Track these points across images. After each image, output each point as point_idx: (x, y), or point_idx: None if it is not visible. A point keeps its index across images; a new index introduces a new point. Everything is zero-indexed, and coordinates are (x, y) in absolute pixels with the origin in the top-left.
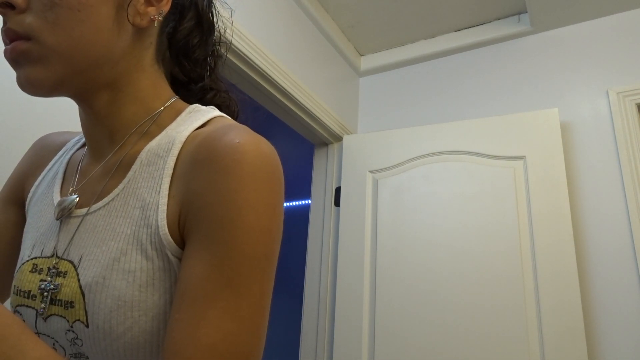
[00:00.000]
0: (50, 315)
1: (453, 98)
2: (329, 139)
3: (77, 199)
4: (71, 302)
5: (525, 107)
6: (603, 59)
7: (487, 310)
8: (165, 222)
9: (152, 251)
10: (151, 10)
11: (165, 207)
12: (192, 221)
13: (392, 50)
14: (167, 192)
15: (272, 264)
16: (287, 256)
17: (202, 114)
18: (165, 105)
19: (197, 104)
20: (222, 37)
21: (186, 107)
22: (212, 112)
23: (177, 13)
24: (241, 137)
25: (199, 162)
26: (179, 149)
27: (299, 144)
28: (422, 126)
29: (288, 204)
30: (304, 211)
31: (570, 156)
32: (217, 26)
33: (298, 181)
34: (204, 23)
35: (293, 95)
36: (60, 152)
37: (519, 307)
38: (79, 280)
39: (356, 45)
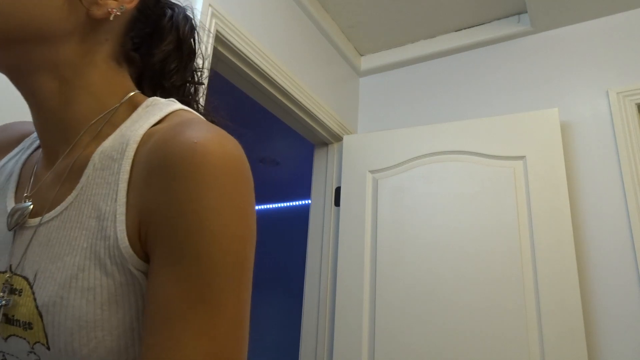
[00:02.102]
0: (10, 335)
1: (453, 98)
2: (329, 139)
3: (31, 206)
4: (29, 323)
5: (525, 107)
6: (603, 59)
7: (487, 310)
8: (125, 234)
9: (111, 266)
10: (111, 2)
11: (123, 217)
12: (153, 235)
13: (392, 50)
14: (124, 200)
15: (246, 271)
16: (287, 256)
17: (160, 107)
18: (122, 100)
19: (155, 97)
20: (204, 64)
21: (144, 101)
22: (172, 105)
23: (147, 24)
24: (199, 135)
25: (154, 167)
26: (134, 150)
27: (299, 144)
28: (422, 126)
29: (288, 204)
30: (304, 211)
31: (570, 156)
32: (199, 52)
33: (298, 181)
34: (184, 48)
35: (293, 95)
36: (17, 148)
37: (519, 307)
38: (35, 299)
39: (356, 45)
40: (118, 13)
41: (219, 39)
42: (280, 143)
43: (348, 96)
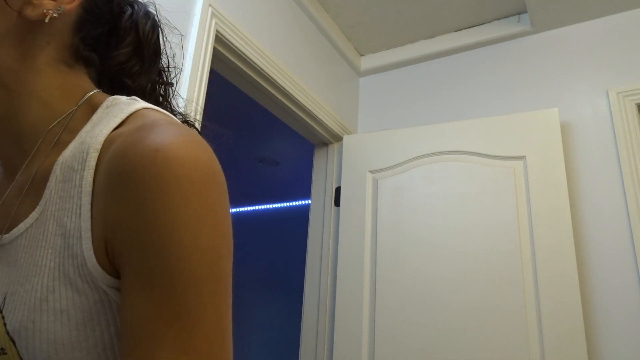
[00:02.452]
0: None
1: (453, 98)
2: (329, 139)
3: None
4: (2, 349)
5: (525, 107)
6: (603, 59)
7: (486, 309)
8: (92, 251)
9: (83, 284)
10: (47, 3)
11: (89, 234)
12: (119, 251)
13: (392, 50)
14: (89, 215)
15: (223, 281)
16: (287, 256)
17: (121, 108)
18: (79, 103)
19: (116, 96)
20: (169, 63)
21: (104, 101)
22: (134, 103)
23: (100, 24)
24: (160, 141)
25: (114, 180)
26: (96, 159)
27: (299, 144)
28: (422, 126)
29: (288, 204)
30: (304, 211)
31: (570, 156)
32: (164, 51)
33: (298, 181)
34: (146, 49)
35: (293, 95)
36: None
37: (519, 308)
38: (5, 325)
39: (356, 45)
40: (55, 15)
41: (219, 39)
42: (280, 143)
43: (348, 96)
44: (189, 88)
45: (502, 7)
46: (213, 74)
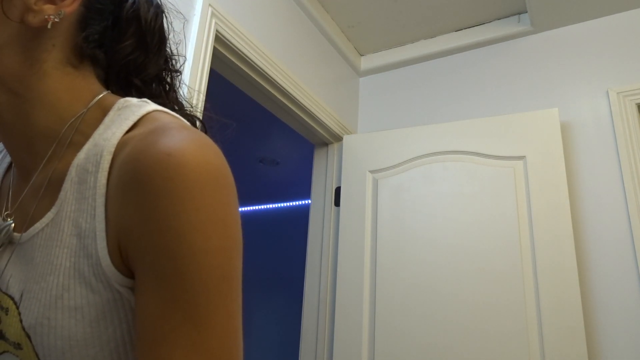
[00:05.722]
0: (4, 352)
1: (453, 98)
2: (329, 139)
3: (13, 225)
4: (18, 344)
5: (525, 107)
6: (603, 59)
7: (487, 311)
8: (106, 251)
9: (97, 283)
10: (48, 8)
11: (104, 234)
12: (133, 253)
13: (392, 50)
14: (103, 216)
15: (233, 283)
16: (287, 256)
17: (132, 110)
18: (89, 106)
19: (127, 98)
20: (172, 51)
21: (115, 103)
22: (145, 106)
23: (103, 18)
24: (172, 145)
25: (127, 183)
26: (109, 161)
27: (299, 144)
28: (422, 126)
29: (288, 204)
30: (304, 211)
31: (570, 156)
32: (169, 39)
33: (298, 181)
34: (149, 38)
35: (293, 95)
36: None
37: (519, 308)
38: (21, 321)
39: (356, 45)
40: (56, 20)
41: (219, 39)
42: (280, 143)
43: (348, 96)
44: (189, 88)
45: (502, 7)
46: (213, 74)
